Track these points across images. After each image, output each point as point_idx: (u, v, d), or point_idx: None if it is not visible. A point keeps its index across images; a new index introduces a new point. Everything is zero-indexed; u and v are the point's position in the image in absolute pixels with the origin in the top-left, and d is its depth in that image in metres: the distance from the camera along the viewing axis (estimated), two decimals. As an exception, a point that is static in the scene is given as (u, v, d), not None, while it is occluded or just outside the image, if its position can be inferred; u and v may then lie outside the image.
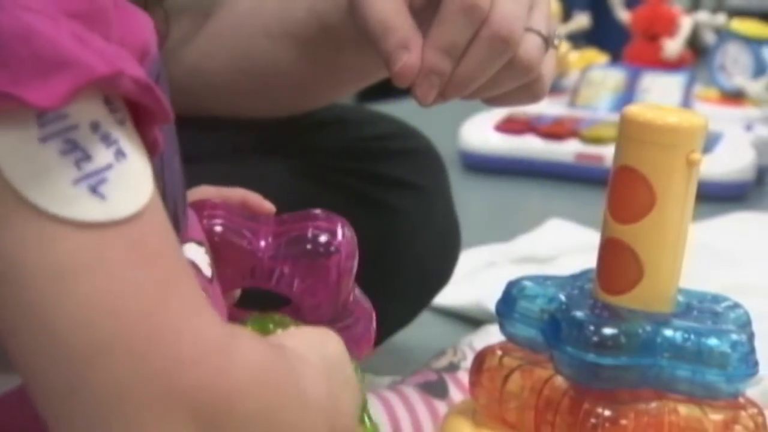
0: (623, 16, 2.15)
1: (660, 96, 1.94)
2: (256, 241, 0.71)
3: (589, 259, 0.77)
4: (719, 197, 1.71)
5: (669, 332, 0.72)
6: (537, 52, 0.81)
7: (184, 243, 0.63)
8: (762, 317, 0.81)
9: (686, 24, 2.10)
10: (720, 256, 1.41)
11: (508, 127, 1.90)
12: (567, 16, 2.19)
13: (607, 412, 0.71)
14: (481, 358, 0.78)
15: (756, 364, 0.73)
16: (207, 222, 0.70)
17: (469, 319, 1.23)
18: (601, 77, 2.03)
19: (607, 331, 0.71)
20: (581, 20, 2.19)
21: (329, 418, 0.55)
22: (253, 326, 0.65)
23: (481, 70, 0.80)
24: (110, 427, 0.48)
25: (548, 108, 1.90)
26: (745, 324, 0.75)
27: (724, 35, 2.14)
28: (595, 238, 0.76)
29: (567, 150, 1.86)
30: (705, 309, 0.76)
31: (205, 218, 0.70)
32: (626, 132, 0.73)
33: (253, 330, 0.64)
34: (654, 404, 0.72)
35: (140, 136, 0.51)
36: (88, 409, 0.48)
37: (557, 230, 1.56)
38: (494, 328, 0.96)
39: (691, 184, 0.73)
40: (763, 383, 0.94)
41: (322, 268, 0.71)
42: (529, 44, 0.81)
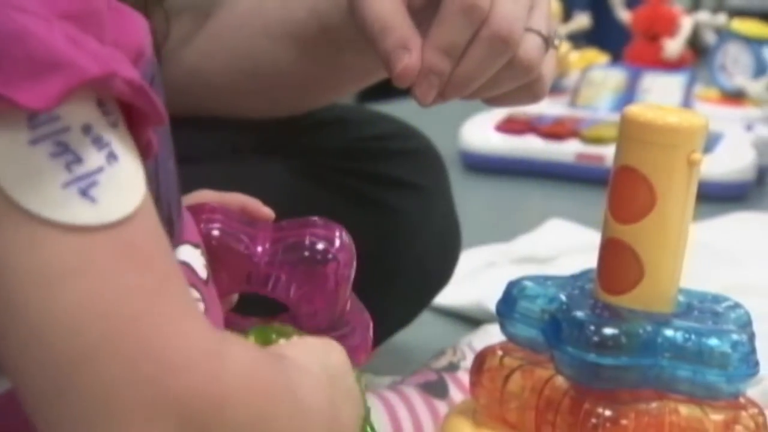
0: (624, 16, 2.15)
1: (660, 96, 1.93)
2: (254, 246, 0.71)
3: (590, 259, 0.77)
4: (720, 197, 1.71)
5: (670, 332, 0.72)
6: (537, 52, 0.81)
7: (179, 245, 0.62)
8: (762, 317, 0.81)
9: (687, 24, 2.10)
10: (720, 256, 1.40)
11: (509, 127, 1.89)
12: (567, 16, 2.19)
13: (608, 412, 0.71)
14: (481, 359, 0.78)
15: (756, 364, 0.73)
16: (205, 226, 0.70)
17: (469, 319, 1.23)
18: (601, 77, 2.03)
19: (608, 331, 0.71)
20: (582, 20, 2.18)
21: (329, 428, 0.54)
22: (256, 335, 0.64)
23: (481, 70, 0.80)
24: None
25: (549, 108, 1.90)
26: (746, 324, 0.75)
27: (725, 35, 2.14)
28: (596, 238, 0.76)
29: (567, 150, 1.86)
30: (706, 309, 0.76)
31: (203, 222, 0.70)
32: (627, 132, 0.73)
33: (256, 339, 0.64)
34: (655, 404, 0.72)
35: (134, 138, 0.50)
36: (76, 413, 0.47)
37: (558, 230, 1.56)
38: (493, 328, 0.96)
39: (692, 184, 0.73)
40: (763, 383, 0.94)
41: (319, 276, 0.71)
42: (529, 44, 0.81)
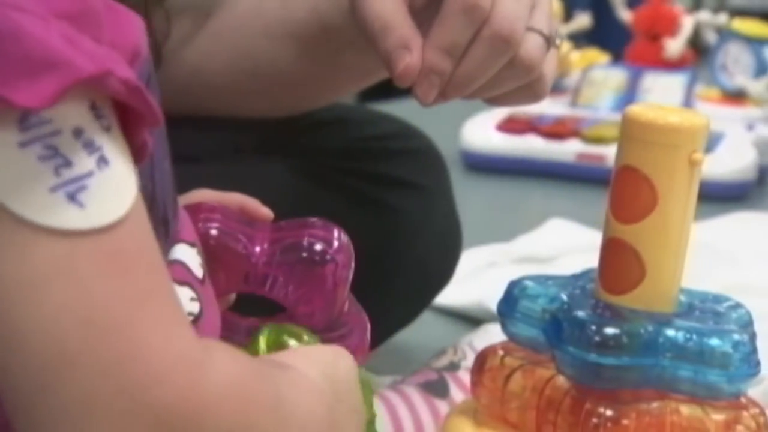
0: (625, 15, 2.15)
1: (661, 96, 1.93)
2: (251, 246, 0.71)
3: (591, 259, 0.77)
4: (720, 197, 1.71)
5: (671, 332, 0.72)
6: (538, 52, 0.81)
7: (175, 244, 0.62)
8: (763, 317, 0.80)
9: (688, 24, 2.10)
10: (721, 256, 1.40)
11: (510, 126, 1.89)
12: (568, 16, 2.19)
13: (609, 412, 0.71)
14: (482, 358, 0.78)
15: (758, 364, 0.73)
16: (203, 225, 0.70)
17: (470, 319, 1.23)
18: (602, 77, 2.03)
19: (609, 331, 0.71)
20: (583, 20, 2.18)
21: None
22: (269, 336, 0.64)
23: (482, 69, 0.80)
24: None
25: (550, 108, 1.90)
26: (747, 324, 0.75)
27: (726, 35, 2.13)
28: (597, 238, 0.76)
29: (568, 150, 1.86)
30: (707, 309, 0.76)
31: (201, 221, 0.70)
32: (628, 132, 0.73)
33: (267, 339, 0.63)
34: (656, 404, 0.72)
35: (129, 139, 0.50)
36: (54, 417, 0.47)
37: (558, 230, 1.56)
38: (494, 328, 0.96)
39: (693, 184, 0.73)
40: (764, 383, 0.94)
41: (317, 277, 0.71)
42: (531, 44, 0.81)
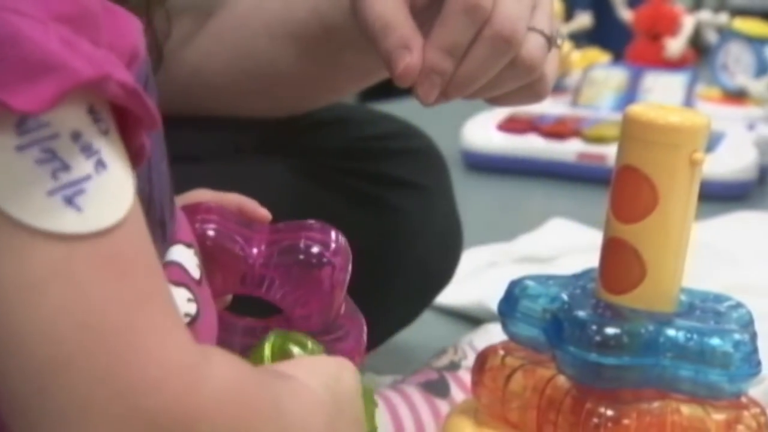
0: (625, 15, 2.15)
1: (662, 95, 1.93)
2: (249, 247, 0.71)
3: (591, 259, 0.77)
4: (721, 197, 1.70)
5: (672, 332, 0.72)
6: (540, 52, 0.81)
7: (172, 245, 0.62)
8: (764, 317, 0.80)
9: (688, 23, 2.09)
10: (721, 256, 1.40)
11: (511, 126, 1.89)
12: (569, 16, 2.19)
13: (610, 412, 0.71)
14: (483, 358, 0.78)
15: (758, 363, 0.73)
16: (200, 226, 0.69)
17: (470, 319, 1.23)
18: (603, 77, 2.02)
19: (610, 330, 0.71)
20: (583, 20, 2.18)
21: None
22: (274, 342, 0.64)
23: (483, 69, 0.80)
24: None
25: (550, 107, 1.90)
26: (748, 324, 0.75)
27: (727, 34, 2.13)
28: (597, 238, 0.76)
29: (569, 149, 1.86)
30: (707, 308, 0.75)
31: (198, 222, 0.69)
32: (629, 131, 0.73)
33: (273, 345, 0.63)
34: (656, 404, 0.72)
35: (126, 141, 0.50)
36: (50, 421, 0.47)
37: (559, 230, 1.56)
38: (494, 327, 0.96)
39: (694, 184, 0.73)
40: (765, 383, 0.94)
41: (314, 279, 0.70)
42: (532, 44, 0.81)
